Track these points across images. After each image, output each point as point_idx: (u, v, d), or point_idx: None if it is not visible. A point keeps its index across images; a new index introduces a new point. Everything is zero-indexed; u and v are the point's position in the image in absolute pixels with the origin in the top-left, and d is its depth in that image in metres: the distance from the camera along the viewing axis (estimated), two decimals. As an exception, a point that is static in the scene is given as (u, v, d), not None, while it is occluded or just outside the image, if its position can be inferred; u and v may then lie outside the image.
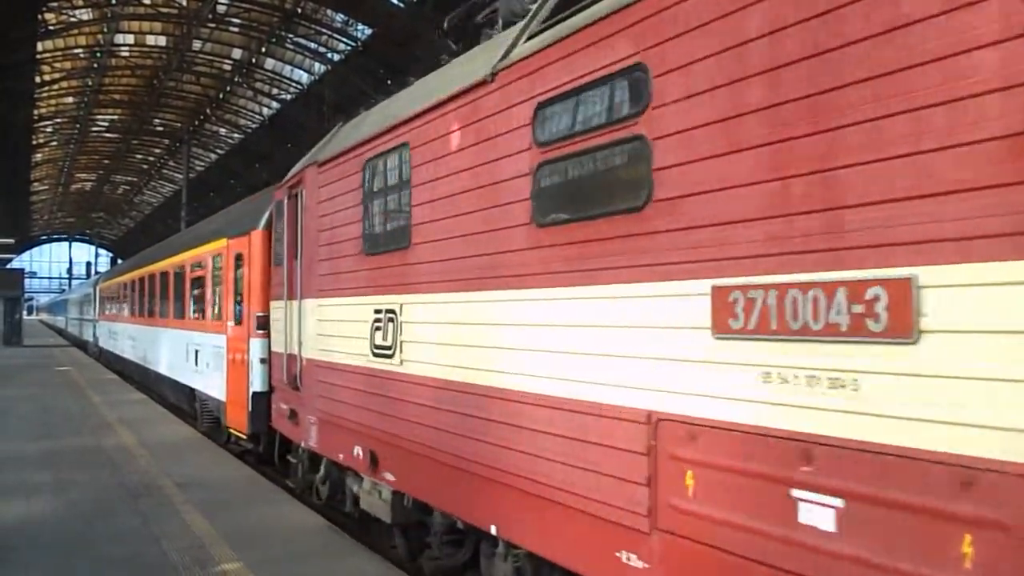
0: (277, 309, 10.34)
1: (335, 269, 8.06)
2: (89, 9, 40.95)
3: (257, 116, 56.06)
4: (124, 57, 49.24)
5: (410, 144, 6.45)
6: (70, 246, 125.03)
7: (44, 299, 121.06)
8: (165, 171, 78.13)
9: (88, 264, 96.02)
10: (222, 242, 13.42)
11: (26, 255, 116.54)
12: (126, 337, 25.93)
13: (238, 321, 12.11)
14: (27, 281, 66.94)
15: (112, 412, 16.78)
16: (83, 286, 49.86)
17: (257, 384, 11.23)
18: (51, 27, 39.76)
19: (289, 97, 50.02)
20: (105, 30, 44.24)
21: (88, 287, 42.15)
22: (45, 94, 49.34)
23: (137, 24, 44.91)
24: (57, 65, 46.71)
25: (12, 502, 8.99)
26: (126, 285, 25.89)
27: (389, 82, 41.70)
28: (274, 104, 52.68)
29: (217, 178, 68.12)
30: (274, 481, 10.74)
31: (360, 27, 39.65)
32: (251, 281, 11.59)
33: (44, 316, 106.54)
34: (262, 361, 11.15)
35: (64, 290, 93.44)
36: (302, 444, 9.34)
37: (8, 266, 58.04)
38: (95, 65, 48.81)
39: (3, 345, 43.21)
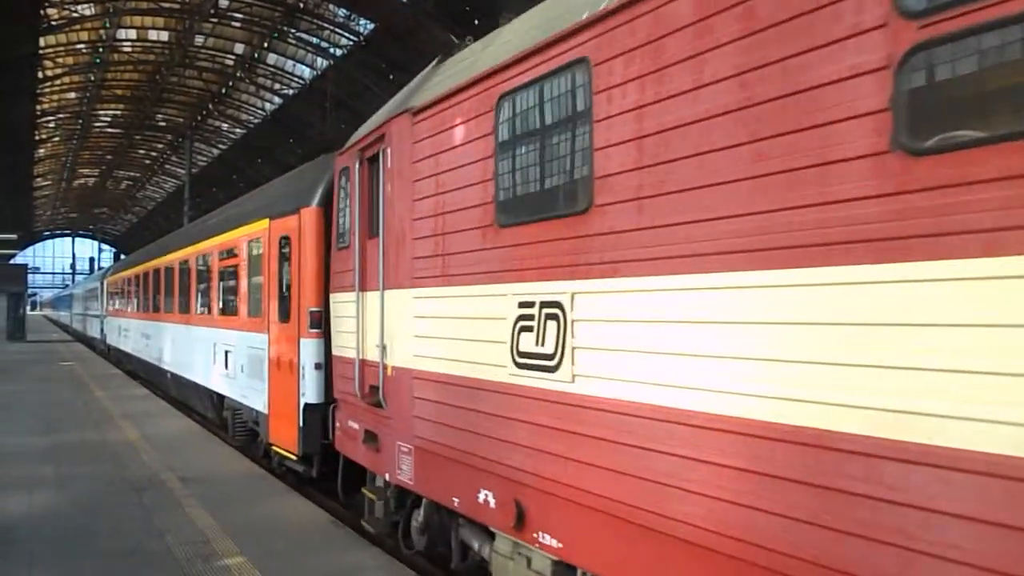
0: (342, 303, 8.13)
1: (444, 248, 5.89)
2: (91, 4, 40.09)
3: (259, 111, 55.24)
4: (126, 52, 47.93)
5: (592, 60, 4.32)
6: (73, 242, 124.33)
7: (48, 294, 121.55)
8: (168, 166, 77.09)
9: (91, 259, 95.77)
10: (261, 224, 11.02)
11: (29, 251, 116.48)
12: (139, 335, 23.21)
13: (284, 318, 9.86)
14: (30, 276, 66.69)
15: (115, 407, 16.42)
16: (88, 280, 48.22)
17: (311, 395, 9.08)
18: (53, 22, 39.07)
19: (291, 92, 49.24)
20: (107, 25, 43.03)
21: (94, 281, 40.27)
22: (47, 89, 48.07)
23: (139, 19, 43.74)
24: (59, 60, 45.38)
25: (16, 496, 8.84)
26: (138, 278, 23.14)
27: (391, 76, 41.89)
28: (276, 99, 51.80)
29: (219, 173, 67.30)
30: (279, 480, 10.09)
31: (362, 22, 39.25)
32: (302, 269, 9.35)
33: (48, 311, 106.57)
34: (317, 367, 9.06)
35: (67, 285, 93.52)
36: (386, 477, 7.10)
37: (11, 261, 58.24)
38: (97, 60, 47.51)
39: (7, 340, 42.30)
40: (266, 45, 45.96)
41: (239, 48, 47.59)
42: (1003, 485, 2.48)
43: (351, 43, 41.16)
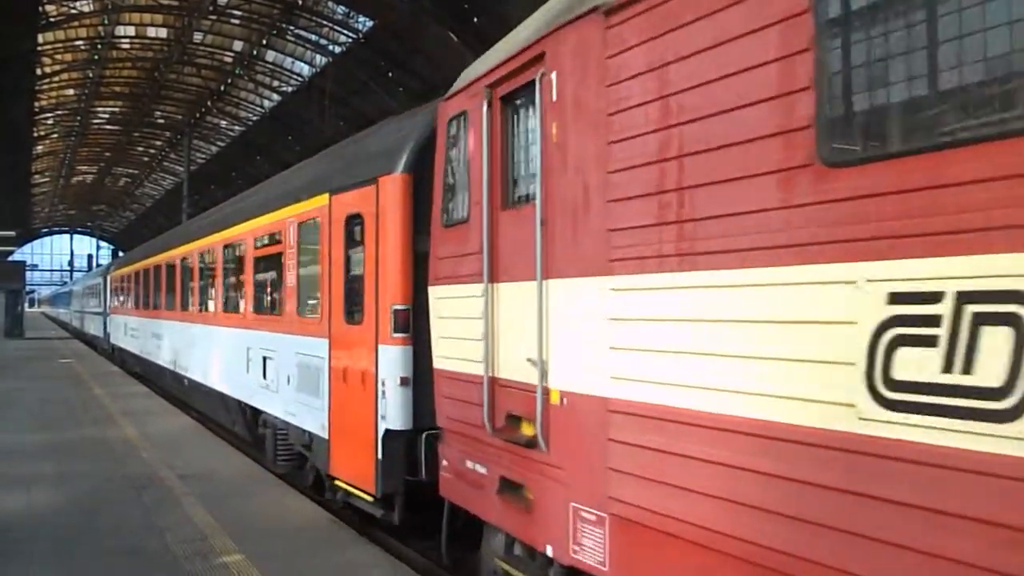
0: (454, 299, 6.29)
1: (683, 211, 3.84)
2: (89, 1, 40.20)
3: (258, 108, 55.18)
4: (125, 49, 47.97)
5: None
6: (71, 239, 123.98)
7: (46, 291, 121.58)
8: (166, 163, 76.98)
9: (89, 256, 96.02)
10: (318, 200, 8.98)
11: (27, 248, 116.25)
12: (148, 335, 21.29)
13: (354, 318, 7.97)
14: (28, 273, 66.64)
15: (114, 404, 16.40)
16: (89, 276, 47.53)
17: (395, 419, 7.14)
18: (52, 19, 39.18)
19: (290, 89, 49.16)
20: (106, 22, 43.01)
21: (96, 277, 39.24)
22: (46, 86, 47.97)
23: (138, 16, 43.76)
24: (58, 57, 45.39)
25: (15, 493, 8.81)
26: (148, 272, 21.13)
27: (390, 74, 41.98)
28: (275, 96, 51.76)
29: (218, 170, 67.40)
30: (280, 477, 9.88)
31: (361, 19, 39.30)
32: (382, 256, 7.42)
33: (46, 308, 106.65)
34: (403, 382, 7.19)
35: (66, 282, 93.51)
36: (546, 551, 5.00)
37: (9, 259, 58.36)
38: (96, 57, 47.46)
39: (5, 337, 42.34)
40: (265, 42, 45.98)
41: (238, 45, 47.59)
42: None
43: (350, 40, 41.15)
